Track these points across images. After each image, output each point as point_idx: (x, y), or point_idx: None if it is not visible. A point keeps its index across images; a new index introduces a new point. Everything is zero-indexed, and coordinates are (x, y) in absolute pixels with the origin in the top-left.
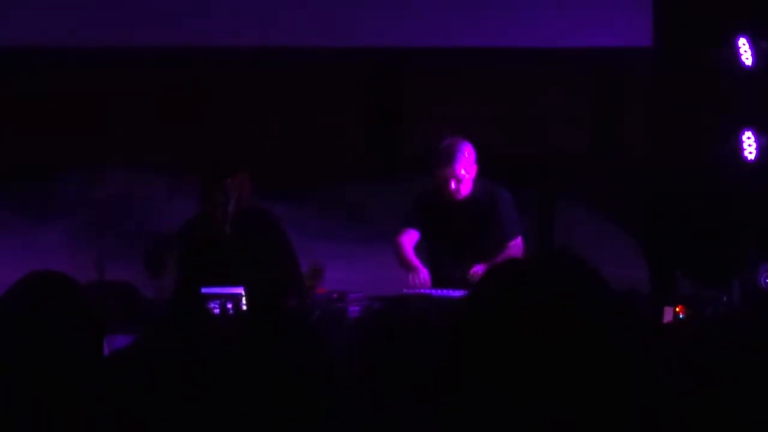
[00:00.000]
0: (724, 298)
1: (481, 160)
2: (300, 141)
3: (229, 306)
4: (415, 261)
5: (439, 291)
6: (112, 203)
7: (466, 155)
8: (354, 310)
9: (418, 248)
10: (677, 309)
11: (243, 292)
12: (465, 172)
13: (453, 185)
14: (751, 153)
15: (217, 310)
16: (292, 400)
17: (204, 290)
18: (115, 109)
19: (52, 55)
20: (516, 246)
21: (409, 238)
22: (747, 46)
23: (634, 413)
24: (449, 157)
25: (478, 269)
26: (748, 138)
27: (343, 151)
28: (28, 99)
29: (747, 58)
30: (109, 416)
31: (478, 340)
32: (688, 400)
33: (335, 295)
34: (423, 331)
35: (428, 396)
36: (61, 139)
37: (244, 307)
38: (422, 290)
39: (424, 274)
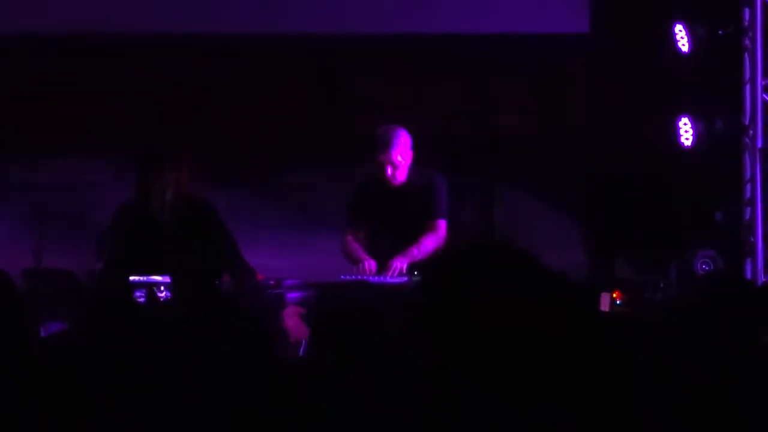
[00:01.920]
0: (662, 284)
1: (424, 146)
2: (242, 127)
3: (158, 294)
4: (362, 254)
5: (376, 278)
6: (52, 190)
7: (402, 141)
8: (292, 297)
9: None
10: (614, 295)
11: (170, 281)
12: (401, 158)
13: (389, 171)
14: (687, 139)
15: (143, 299)
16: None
17: (131, 279)
18: (56, 94)
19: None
20: (438, 229)
21: (355, 235)
22: (684, 32)
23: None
24: (385, 144)
25: (395, 263)
26: (685, 124)
27: (284, 137)
28: None
29: (683, 45)
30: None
31: (424, 334)
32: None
33: (272, 282)
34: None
35: (361, 379)
36: (2, 125)
37: (170, 296)
38: (359, 277)
39: (369, 263)
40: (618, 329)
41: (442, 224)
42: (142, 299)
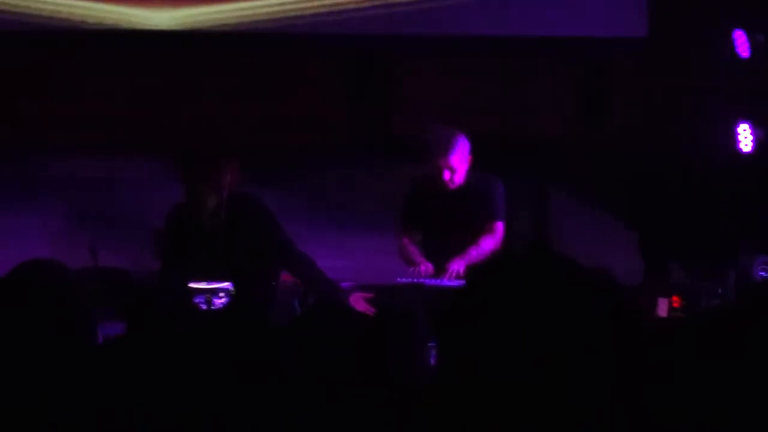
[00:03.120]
0: (720, 290)
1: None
2: (284, 127)
3: (216, 301)
4: (419, 257)
5: (432, 281)
6: (104, 188)
7: (461, 146)
8: None
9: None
10: (672, 300)
11: (231, 287)
12: (459, 162)
13: (447, 176)
14: (747, 145)
15: (203, 306)
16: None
17: (191, 285)
18: (99, 91)
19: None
20: (495, 231)
21: (411, 238)
22: (743, 38)
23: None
24: (444, 148)
25: (453, 266)
26: (744, 130)
27: (328, 137)
28: (14, 79)
29: (744, 50)
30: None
31: (464, 343)
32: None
33: None
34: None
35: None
36: (46, 122)
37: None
38: (416, 279)
39: (426, 266)
40: (676, 335)
41: (499, 226)
42: (202, 305)
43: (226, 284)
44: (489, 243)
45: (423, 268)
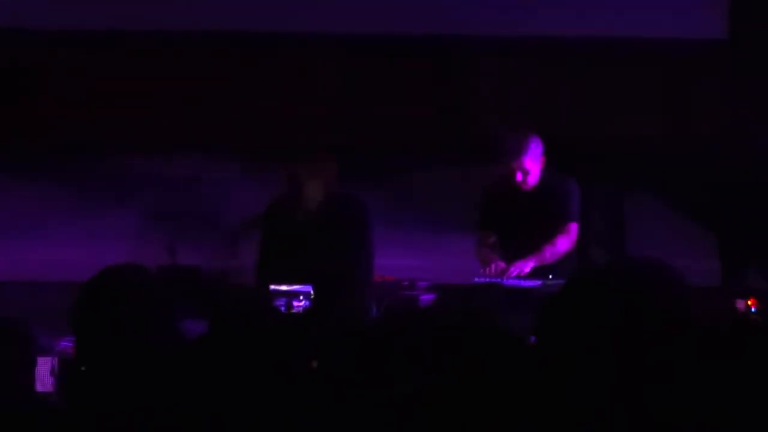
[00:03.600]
0: None
1: (550, 147)
2: (367, 129)
3: (296, 304)
4: (491, 256)
5: (510, 281)
6: (181, 187)
7: (533, 148)
8: (426, 298)
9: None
10: (749, 302)
11: (311, 291)
12: (532, 164)
13: (520, 177)
14: None
15: (283, 308)
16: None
17: (272, 287)
18: (183, 91)
19: (124, 36)
20: (569, 231)
21: (485, 238)
22: None
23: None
24: (517, 150)
25: (518, 266)
26: None
27: (411, 138)
28: (98, 78)
29: None
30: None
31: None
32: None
33: (406, 283)
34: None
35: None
36: (128, 120)
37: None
38: (493, 279)
39: (497, 265)
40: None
41: (573, 227)
42: (282, 308)
43: (306, 287)
44: (563, 243)
45: (493, 267)
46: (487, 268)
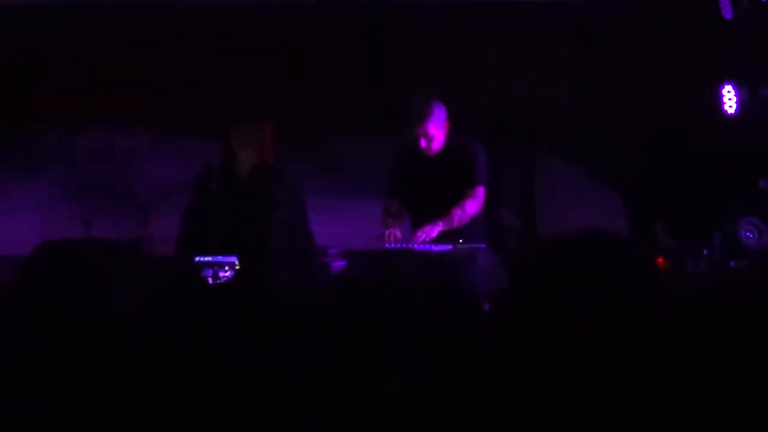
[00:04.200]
0: (705, 252)
1: (464, 114)
2: (282, 94)
3: (222, 275)
4: (390, 222)
5: (421, 245)
6: (93, 159)
7: (436, 113)
8: (337, 265)
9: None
10: (658, 261)
11: (236, 261)
12: (436, 129)
13: (423, 143)
14: (731, 107)
15: (210, 279)
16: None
17: (198, 259)
18: (93, 61)
19: (30, 9)
20: (476, 195)
21: (392, 204)
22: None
23: None
24: (419, 116)
25: (426, 230)
26: (729, 92)
27: (324, 104)
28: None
29: (727, 11)
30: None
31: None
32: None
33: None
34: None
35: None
36: (40, 94)
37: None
38: (404, 245)
39: (392, 232)
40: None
41: (480, 190)
42: (210, 279)
43: (231, 258)
44: (471, 207)
45: (387, 234)
46: (384, 235)
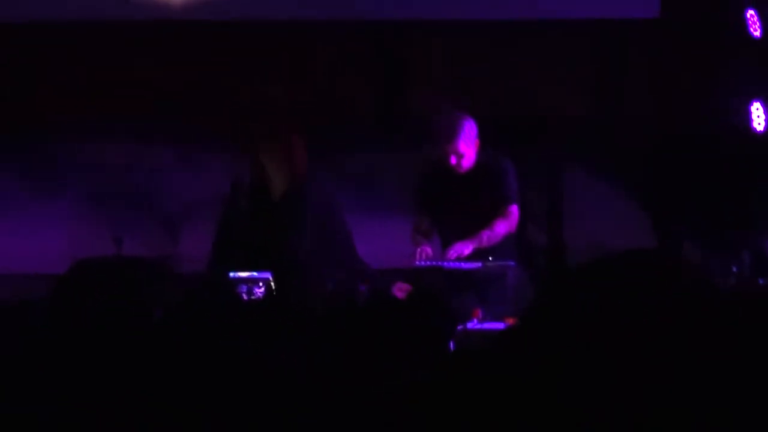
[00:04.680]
0: (734, 269)
1: (485, 126)
2: (307, 110)
3: (257, 291)
4: (420, 240)
5: (451, 263)
6: (120, 173)
7: (467, 131)
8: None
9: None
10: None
11: (271, 277)
12: (466, 147)
13: (454, 161)
14: (759, 124)
15: (244, 295)
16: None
17: (232, 275)
18: (121, 76)
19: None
20: (510, 214)
21: (421, 221)
22: (755, 17)
23: None
24: (450, 134)
25: (457, 249)
26: (757, 109)
27: (350, 119)
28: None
29: (755, 30)
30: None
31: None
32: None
33: None
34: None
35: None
36: (68, 106)
37: (273, 292)
38: (433, 263)
39: (422, 250)
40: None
41: (513, 209)
42: (244, 295)
43: (265, 274)
44: (502, 226)
45: (418, 253)
46: (413, 253)
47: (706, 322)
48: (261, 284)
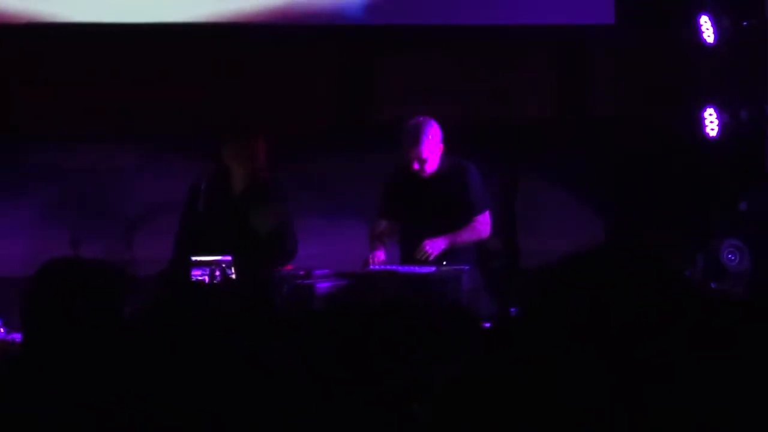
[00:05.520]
0: (688, 274)
1: (449, 133)
2: (268, 114)
3: (218, 274)
4: (375, 244)
5: (406, 267)
6: (81, 177)
7: (431, 136)
8: (322, 287)
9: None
10: None
11: (231, 260)
12: (430, 152)
13: (416, 166)
14: (713, 129)
15: (206, 278)
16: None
17: (193, 258)
18: (81, 79)
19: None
20: (483, 221)
21: (383, 226)
22: (709, 23)
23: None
24: (414, 139)
25: (426, 247)
26: (710, 115)
27: (314, 124)
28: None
29: (709, 36)
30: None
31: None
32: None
33: (302, 272)
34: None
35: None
36: (29, 110)
37: (232, 276)
38: (389, 267)
39: (375, 254)
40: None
41: (483, 217)
42: (205, 278)
43: (226, 257)
44: (472, 233)
45: (370, 257)
46: (368, 258)
47: (692, 317)
48: (223, 266)
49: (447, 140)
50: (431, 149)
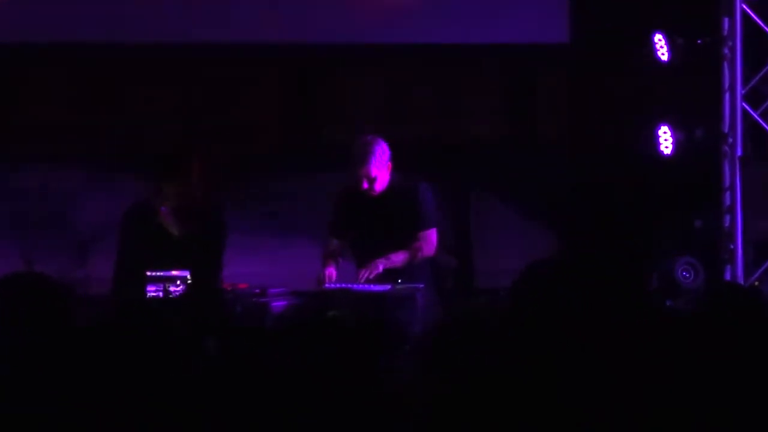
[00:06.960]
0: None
1: (397, 152)
2: (217, 135)
3: (172, 289)
4: (326, 262)
5: (360, 285)
6: (30, 196)
7: (379, 155)
8: (277, 305)
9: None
10: None
11: (188, 275)
12: (378, 170)
13: (365, 185)
14: (667, 147)
15: (160, 293)
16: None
17: (148, 273)
18: (30, 99)
19: None
20: (428, 238)
21: (332, 245)
22: (663, 41)
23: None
24: (361, 158)
25: (369, 268)
26: (665, 132)
27: (260, 144)
28: None
29: (663, 54)
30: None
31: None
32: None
33: (257, 290)
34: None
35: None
36: None
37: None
38: (344, 285)
39: (326, 272)
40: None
41: (429, 233)
42: (159, 293)
43: (183, 272)
44: (416, 251)
45: (319, 275)
46: (318, 276)
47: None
48: (178, 282)
49: (397, 160)
50: (379, 168)
